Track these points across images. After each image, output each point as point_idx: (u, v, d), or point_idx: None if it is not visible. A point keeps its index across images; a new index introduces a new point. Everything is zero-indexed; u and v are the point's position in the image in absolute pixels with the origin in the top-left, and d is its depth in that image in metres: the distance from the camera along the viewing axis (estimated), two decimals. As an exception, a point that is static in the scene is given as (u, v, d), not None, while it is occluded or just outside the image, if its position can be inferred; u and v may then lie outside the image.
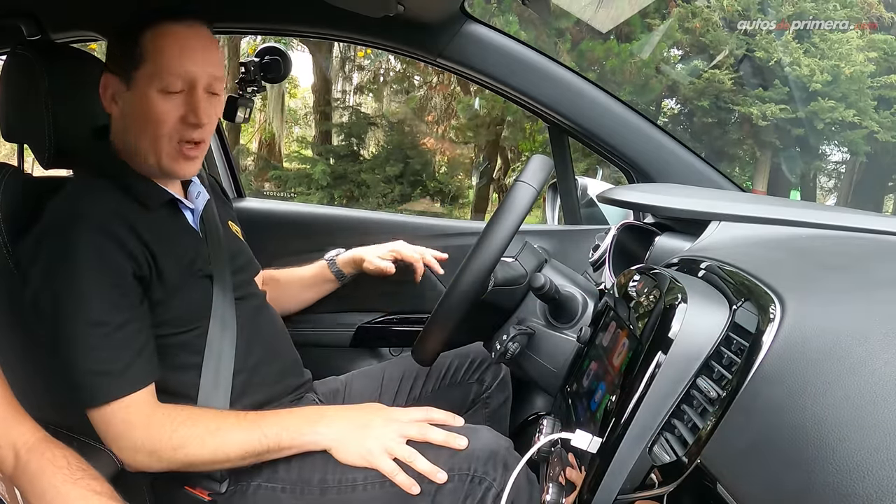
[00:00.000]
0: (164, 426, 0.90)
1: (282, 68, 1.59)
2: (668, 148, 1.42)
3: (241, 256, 1.17)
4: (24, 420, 0.79)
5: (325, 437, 0.93)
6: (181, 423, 0.91)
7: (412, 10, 1.29)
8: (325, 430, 0.93)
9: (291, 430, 0.93)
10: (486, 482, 0.91)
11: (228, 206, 1.29)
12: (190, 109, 0.96)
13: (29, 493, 0.74)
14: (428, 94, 9.84)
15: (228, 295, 1.04)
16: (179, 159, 0.99)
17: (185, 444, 0.90)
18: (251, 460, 0.93)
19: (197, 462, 0.91)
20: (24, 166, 1.14)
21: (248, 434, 0.92)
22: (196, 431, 0.91)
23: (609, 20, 2.94)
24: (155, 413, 0.91)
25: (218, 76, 1.00)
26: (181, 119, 0.97)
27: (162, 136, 0.97)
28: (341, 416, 0.96)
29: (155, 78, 0.95)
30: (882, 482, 0.37)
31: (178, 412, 0.92)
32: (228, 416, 0.94)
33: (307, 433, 0.93)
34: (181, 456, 0.90)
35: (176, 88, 0.96)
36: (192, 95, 0.97)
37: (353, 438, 0.93)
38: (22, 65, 1.05)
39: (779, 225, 0.93)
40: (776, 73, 9.02)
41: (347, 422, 0.94)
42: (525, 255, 1.13)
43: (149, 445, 0.90)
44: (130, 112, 0.98)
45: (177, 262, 0.98)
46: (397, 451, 0.92)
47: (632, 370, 0.69)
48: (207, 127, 0.99)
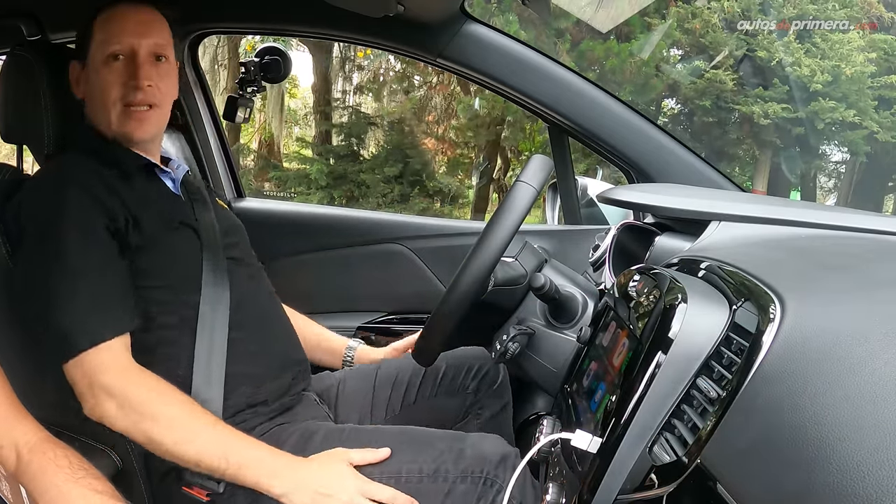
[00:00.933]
0: (140, 384, 0.90)
1: (282, 68, 1.59)
2: (668, 148, 1.42)
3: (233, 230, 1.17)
4: (25, 420, 0.79)
5: (279, 489, 0.88)
6: (158, 395, 0.90)
7: (412, 10, 1.29)
8: (280, 485, 0.88)
9: (253, 470, 0.89)
10: (497, 484, 0.91)
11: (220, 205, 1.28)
12: (130, 74, 1.03)
13: (31, 492, 0.74)
14: (428, 94, 9.84)
15: (220, 261, 1.05)
16: (130, 121, 1.04)
17: (155, 418, 0.88)
18: (202, 470, 0.90)
19: (156, 443, 0.89)
20: (24, 166, 1.14)
21: (214, 446, 0.89)
22: (169, 412, 0.89)
23: (609, 20, 2.94)
24: (132, 366, 0.91)
25: (160, 42, 1.06)
26: (123, 84, 1.03)
27: (109, 101, 1.03)
28: (304, 474, 0.90)
29: (100, 50, 1.04)
30: (882, 482, 0.37)
31: (158, 382, 0.91)
32: (204, 417, 0.92)
33: (264, 479, 0.89)
34: (145, 427, 0.89)
35: (116, 53, 1.03)
36: (133, 61, 1.03)
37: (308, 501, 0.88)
38: (22, 65, 1.05)
39: (779, 225, 0.93)
40: (777, 74, 9.02)
41: (310, 481, 0.89)
42: (525, 255, 1.13)
43: (119, 394, 0.88)
44: (88, 88, 1.06)
45: (158, 213, 1.02)
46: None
47: (632, 370, 0.69)
48: (153, 90, 1.04)
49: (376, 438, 0.99)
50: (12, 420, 0.77)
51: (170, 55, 1.08)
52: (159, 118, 1.08)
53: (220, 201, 1.24)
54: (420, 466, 0.93)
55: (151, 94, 1.04)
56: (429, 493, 0.91)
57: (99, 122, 1.06)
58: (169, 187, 1.10)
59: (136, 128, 1.04)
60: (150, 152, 1.11)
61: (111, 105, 1.03)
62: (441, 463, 0.93)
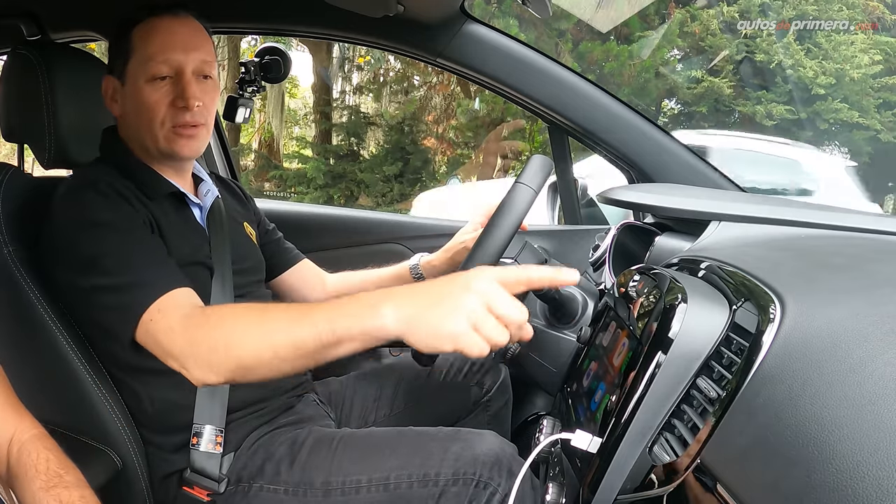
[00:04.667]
0: (203, 325, 0.82)
1: (282, 68, 1.59)
2: (668, 148, 1.42)
3: (250, 259, 1.16)
4: (21, 417, 0.78)
5: (390, 319, 0.71)
6: (221, 318, 0.83)
7: (412, 10, 1.29)
8: (391, 312, 0.71)
9: (347, 316, 0.73)
10: (490, 487, 0.90)
11: (249, 209, 1.28)
12: (178, 94, 0.99)
13: (17, 492, 0.74)
14: (428, 94, 9.83)
15: (228, 292, 1.04)
16: (177, 139, 1.01)
17: (230, 340, 0.79)
18: (305, 361, 0.77)
19: (245, 360, 0.78)
20: (25, 166, 1.14)
21: (296, 324, 0.76)
22: (239, 325, 0.80)
23: (609, 20, 2.94)
24: (193, 313, 0.84)
25: (207, 60, 1.02)
26: (171, 104, 0.99)
27: (155, 123, 0.99)
28: (411, 292, 0.74)
29: (142, 68, 0.99)
30: (882, 482, 0.37)
31: (218, 309, 0.88)
32: (273, 309, 0.82)
33: (367, 316, 0.72)
34: (231, 355, 0.79)
35: (162, 74, 0.99)
36: (180, 80, 0.99)
37: (430, 317, 0.70)
38: (22, 65, 1.05)
39: (779, 225, 0.93)
40: (778, 75, 9.02)
41: (420, 298, 0.72)
42: (525, 256, 1.13)
43: (193, 351, 0.81)
44: (127, 106, 1.02)
45: (177, 246, 0.99)
46: (484, 327, 0.69)
47: (632, 370, 0.69)
48: (201, 110, 1.00)
49: (369, 442, 0.99)
50: (9, 418, 0.77)
51: (214, 73, 1.04)
52: (206, 136, 1.05)
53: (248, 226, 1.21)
54: (410, 472, 0.92)
55: (200, 113, 1.01)
56: (420, 498, 0.91)
57: (141, 140, 1.02)
58: (196, 218, 1.08)
59: (184, 146, 1.01)
60: (186, 169, 1.09)
61: (158, 126, 0.99)
62: (431, 466, 0.92)
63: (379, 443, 0.98)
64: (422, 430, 1.01)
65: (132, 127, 1.02)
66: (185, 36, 1.00)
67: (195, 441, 0.97)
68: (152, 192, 1.01)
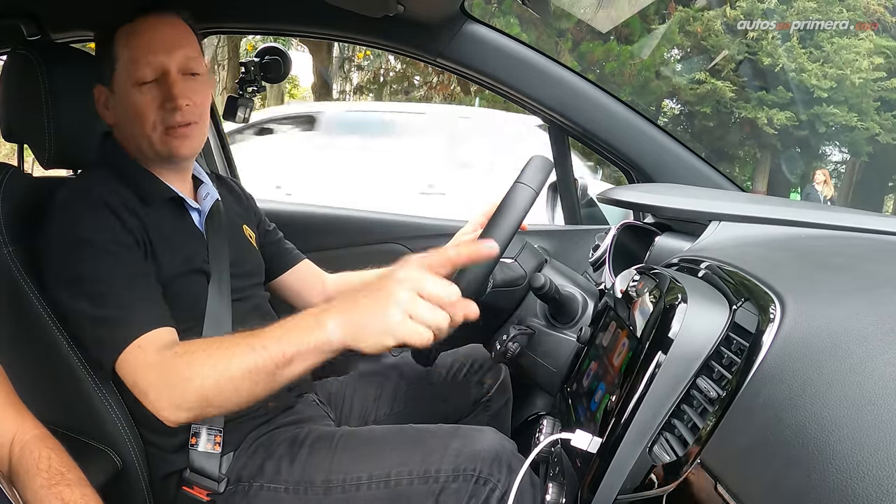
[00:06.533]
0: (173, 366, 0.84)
1: (282, 68, 1.59)
2: (668, 148, 1.42)
3: (248, 262, 1.16)
4: (23, 417, 0.78)
5: (333, 330, 0.74)
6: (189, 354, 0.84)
7: (412, 10, 1.29)
8: (332, 323, 0.74)
9: (295, 334, 0.76)
10: (490, 483, 0.90)
11: (249, 209, 1.27)
12: (166, 96, 0.98)
13: (18, 490, 0.74)
14: (428, 94, 9.83)
15: (225, 297, 1.03)
16: (172, 141, 1.00)
17: (192, 374, 0.81)
18: (264, 385, 0.79)
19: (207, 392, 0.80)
20: (25, 166, 1.14)
21: (250, 350, 0.78)
22: (198, 359, 0.82)
23: (609, 20, 2.94)
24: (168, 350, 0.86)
25: (192, 56, 1.00)
26: (160, 107, 0.98)
27: (147, 127, 0.99)
28: (350, 299, 0.76)
29: (128, 74, 0.98)
30: (882, 482, 0.37)
31: (188, 346, 0.87)
32: (231, 338, 0.84)
33: (313, 331, 0.75)
34: (195, 388, 0.81)
35: (148, 78, 0.98)
36: (166, 81, 0.98)
37: (367, 319, 0.72)
38: (22, 65, 1.05)
39: (779, 225, 0.93)
40: (779, 77, 9.03)
41: (357, 302, 0.74)
42: (525, 256, 1.13)
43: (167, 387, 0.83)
44: (119, 113, 1.02)
45: (173, 254, 0.99)
46: (417, 312, 0.71)
47: (632, 370, 0.69)
48: (191, 108, 0.99)
49: (370, 439, 0.99)
50: (10, 417, 0.77)
51: (202, 69, 1.03)
52: (201, 133, 1.04)
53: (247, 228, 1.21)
54: (410, 468, 0.92)
55: (190, 112, 0.99)
56: (420, 495, 0.91)
57: (137, 145, 1.01)
58: (194, 222, 1.07)
59: (179, 146, 1.00)
60: (185, 170, 1.09)
61: (150, 130, 0.99)
62: (432, 463, 0.92)
63: (379, 440, 0.98)
64: (422, 427, 1.01)
65: (127, 133, 1.02)
66: (166, 36, 0.99)
67: (194, 441, 0.97)
68: (150, 197, 1.01)
